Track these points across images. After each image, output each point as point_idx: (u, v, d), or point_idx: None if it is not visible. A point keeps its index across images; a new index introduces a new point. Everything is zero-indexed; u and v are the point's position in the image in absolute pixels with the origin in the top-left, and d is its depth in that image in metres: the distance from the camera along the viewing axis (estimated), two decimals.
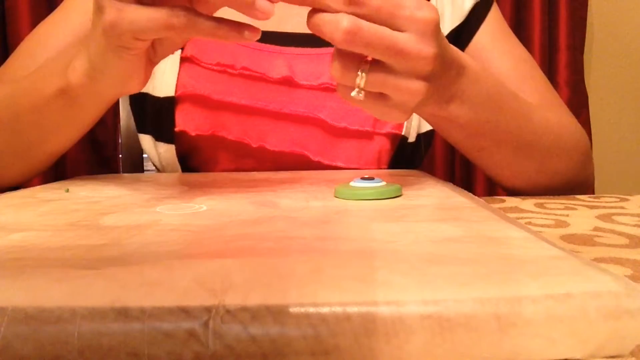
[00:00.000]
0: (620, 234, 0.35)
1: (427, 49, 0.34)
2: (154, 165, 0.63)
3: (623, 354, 0.18)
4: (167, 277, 0.19)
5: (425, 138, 0.63)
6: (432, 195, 0.38)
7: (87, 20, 0.59)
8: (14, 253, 0.23)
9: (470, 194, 0.39)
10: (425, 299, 0.17)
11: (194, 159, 0.58)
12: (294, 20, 0.62)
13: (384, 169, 0.59)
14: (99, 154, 1.25)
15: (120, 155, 0.97)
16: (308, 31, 0.61)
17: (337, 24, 0.33)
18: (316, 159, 0.57)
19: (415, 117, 0.60)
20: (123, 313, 0.16)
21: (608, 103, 1.58)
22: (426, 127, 0.62)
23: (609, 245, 0.32)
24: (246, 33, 0.34)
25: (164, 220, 0.29)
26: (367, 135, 0.59)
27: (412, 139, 0.59)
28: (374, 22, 0.33)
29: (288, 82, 0.58)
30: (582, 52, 1.49)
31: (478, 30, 0.64)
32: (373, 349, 0.16)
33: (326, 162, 0.57)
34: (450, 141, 0.50)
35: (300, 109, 0.58)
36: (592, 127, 1.48)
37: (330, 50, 0.60)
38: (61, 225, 0.28)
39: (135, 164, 0.95)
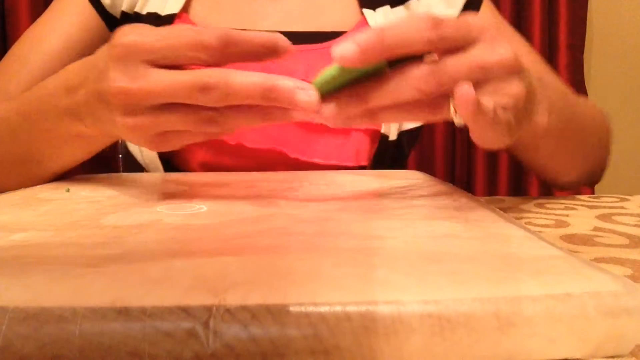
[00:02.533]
0: (620, 234, 0.35)
1: (507, 52, 0.31)
2: (140, 163, 0.63)
3: (623, 354, 0.18)
4: (167, 276, 0.19)
5: (408, 136, 0.62)
6: (431, 195, 0.38)
7: (78, 21, 0.59)
8: (15, 253, 0.23)
9: (469, 194, 0.39)
10: (425, 298, 0.17)
11: (173, 157, 0.59)
12: (274, 19, 0.62)
13: (365, 165, 0.59)
14: (98, 154, 1.25)
15: (120, 155, 0.97)
16: (284, 29, 0.62)
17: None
18: (294, 155, 0.57)
19: None
20: (124, 312, 0.16)
21: (608, 103, 1.57)
22: (409, 124, 0.62)
23: (609, 245, 0.32)
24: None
25: (164, 220, 0.29)
26: (345, 132, 0.59)
27: (393, 137, 0.59)
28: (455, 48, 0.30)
29: None
30: (582, 52, 1.49)
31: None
32: (373, 348, 0.16)
33: (304, 158, 0.58)
34: (521, 150, 0.50)
35: None
36: None
37: (306, 47, 0.59)
38: (62, 225, 0.28)
39: (135, 163, 0.94)
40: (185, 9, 0.61)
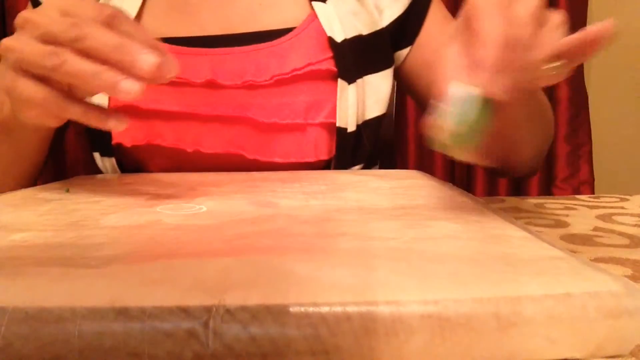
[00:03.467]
0: (620, 234, 0.35)
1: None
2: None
3: (623, 354, 0.18)
4: (167, 277, 0.19)
5: (367, 127, 0.61)
6: (431, 195, 0.38)
7: None
8: (14, 253, 0.23)
9: (469, 194, 0.39)
10: (425, 298, 0.17)
11: (135, 169, 0.59)
12: (224, 24, 0.62)
13: (325, 159, 0.59)
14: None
15: None
16: (232, 32, 0.61)
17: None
18: (252, 157, 0.57)
19: (353, 105, 0.59)
20: (123, 313, 0.16)
21: (608, 103, 1.58)
22: (370, 114, 0.61)
23: (609, 245, 0.32)
24: (111, 122, 0.36)
25: (164, 220, 0.29)
26: (300, 128, 0.58)
27: (351, 128, 0.58)
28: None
29: (211, 85, 0.59)
30: None
31: (425, 19, 0.64)
32: (373, 349, 0.16)
33: (263, 159, 0.58)
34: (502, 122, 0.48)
35: (229, 109, 0.58)
36: (592, 127, 1.48)
37: (256, 47, 0.59)
38: (61, 225, 0.28)
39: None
40: (137, 20, 0.61)
